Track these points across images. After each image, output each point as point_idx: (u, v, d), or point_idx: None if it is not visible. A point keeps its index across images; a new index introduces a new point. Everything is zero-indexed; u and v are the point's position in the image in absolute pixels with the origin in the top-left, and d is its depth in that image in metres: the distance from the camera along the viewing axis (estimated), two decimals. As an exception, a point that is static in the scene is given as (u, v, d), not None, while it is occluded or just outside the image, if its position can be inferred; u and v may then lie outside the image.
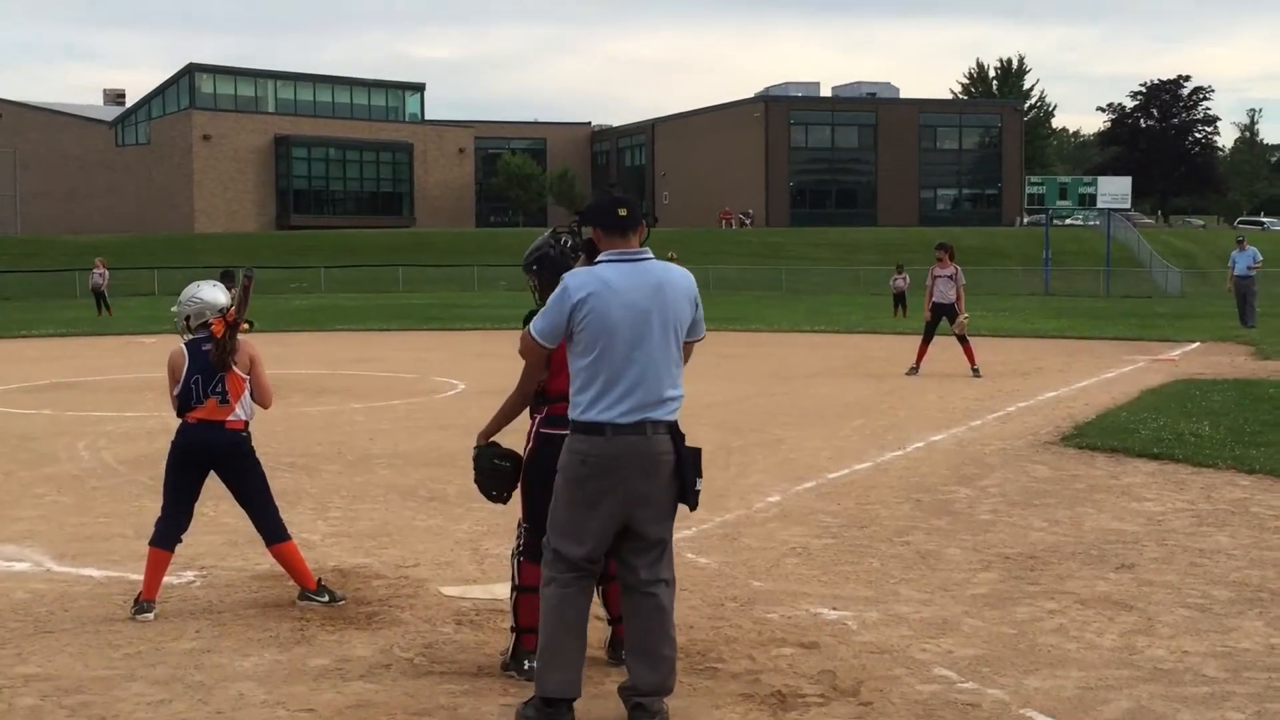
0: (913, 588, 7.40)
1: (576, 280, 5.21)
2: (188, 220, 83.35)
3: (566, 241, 6.01)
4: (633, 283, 5.18)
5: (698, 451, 5.32)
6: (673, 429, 5.24)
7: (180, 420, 7.07)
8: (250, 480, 7.13)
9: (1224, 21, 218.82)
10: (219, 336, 6.97)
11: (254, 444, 7.17)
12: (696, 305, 5.34)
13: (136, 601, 6.91)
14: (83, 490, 10.63)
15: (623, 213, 5.26)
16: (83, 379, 20.30)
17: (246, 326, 7.16)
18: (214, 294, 7.14)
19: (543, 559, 5.37)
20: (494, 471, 6.00)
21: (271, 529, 7.12)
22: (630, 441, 5.14)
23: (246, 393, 7.06)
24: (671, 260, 5.71)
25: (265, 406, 7.23)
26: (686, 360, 5.38)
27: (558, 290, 5.24)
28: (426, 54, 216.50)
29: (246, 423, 7.09)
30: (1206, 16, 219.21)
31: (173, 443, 7.11)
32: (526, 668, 5.77)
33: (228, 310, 7.07)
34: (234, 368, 6.99)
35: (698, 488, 5.30)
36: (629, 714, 5.21)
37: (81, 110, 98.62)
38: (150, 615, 6.82)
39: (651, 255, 5.32)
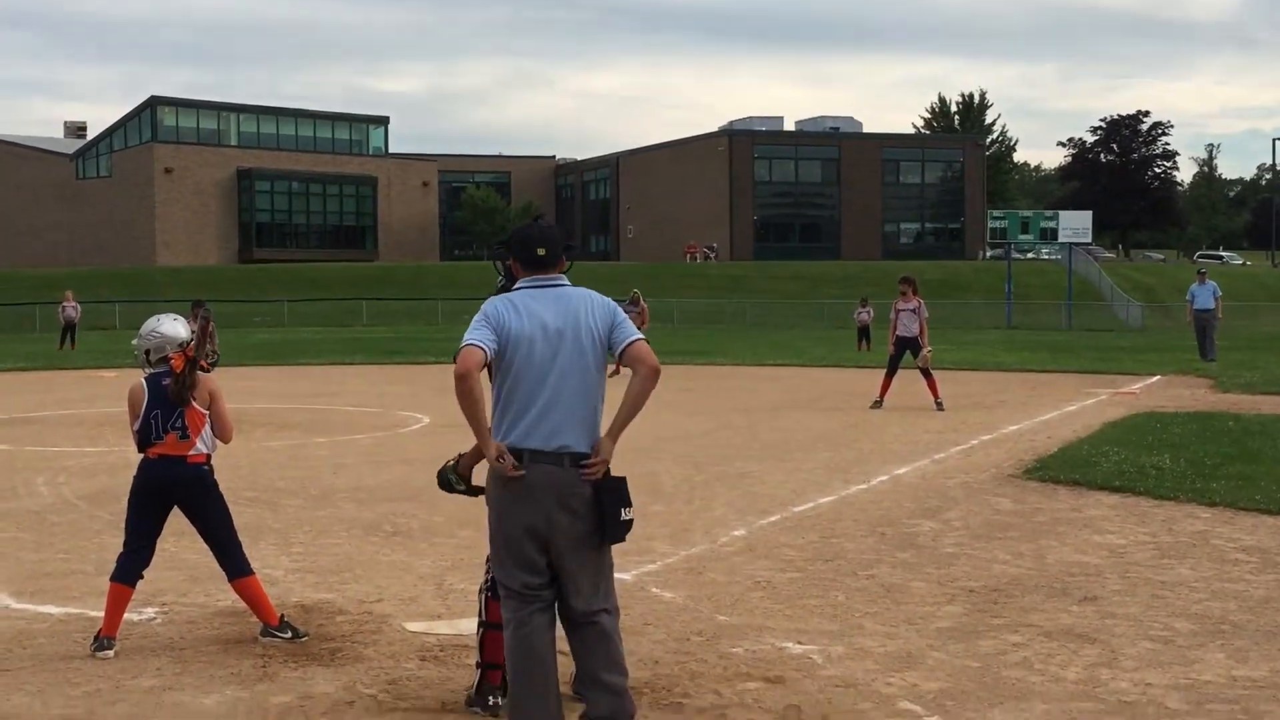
0: (877, 621, 7.41)
1: (491, 305, 5.30)
2: (149, 254, 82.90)
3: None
4: (546, 305, 5.27)
5: (622, 481, 5.32)
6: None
7: (141, 456, 7.02)
8: (213, 515, 7.07)
9: (1182, 58, 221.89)
10: (178, 371, 6.92)
11: (216, 478, 7.13)
12: (615, 321, 5.32)
13: (96, 638, 6.83)
14: (42, 526, 10.52)
15: (541, 253, 5.35)
16: (42, 414, 20.12)
17: (207, 365, 7.11)
18: (174, 328, 7.09)
19: (502, 605, 5.38)
20: (449, 487, 5.89)
21: (234, 564, 7.06)
22: (547, 470, 5.17)
23: (207, 427, 6.99)
24: (635, 296, 5.75)
25: (225, 441, 7.18)
26: (650, 360, 5.25)
27: (476, 316, 5.29)
28: (390, 87, 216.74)
29: (208, 456, 7.03)
30: (1165, 54, 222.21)
31: (134, 478, 7.05)
32: (491, 704, 5.75)
33: (188, 345, 7.03)
34: (193, 403, 6.93)
35: (624, 518, 5.27)
36: None
37: (42, 143, 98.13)
38: (110, 652, 6.75)
39: (567, 282, 5.38)
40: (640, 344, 5.31)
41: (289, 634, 7.01)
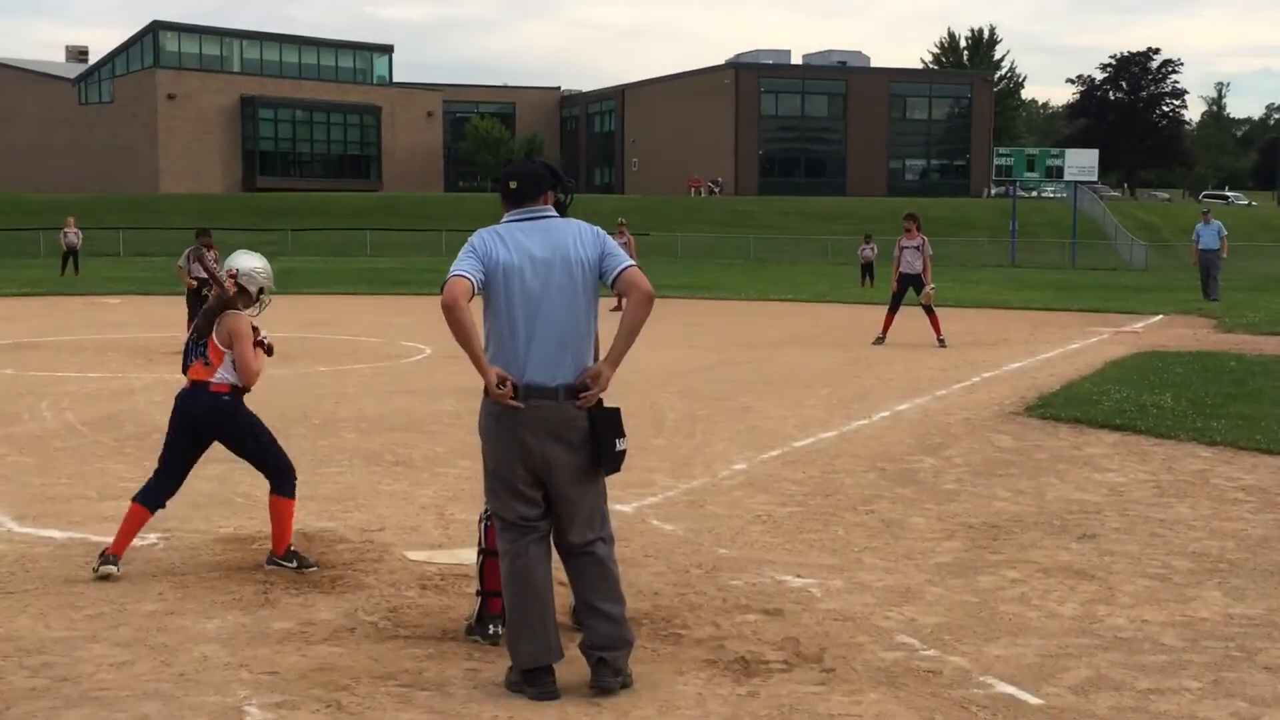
0: (876, 556, 7.44)
1: (478, 236, 5.31)
2: (152, 180, 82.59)
3: None
4: (532, 237, 5.27)
5: (616, 412, 5.33)
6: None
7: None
8: (241, 441, 7.13)
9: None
10: (215, 297, 7.07)
11: (238, 407, 7.11)
12: (604, 249, 5.30)
13: (101, 555, 6.86)
14: (45, 451, 10.55)
15: (513, 185, 5.39)
16: (46, 339, 20.12)
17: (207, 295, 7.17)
18: (236, 258, 7.23)
19: (498, 536, 5.42)
20: None
21: (272, 482, 7.12)
22: (541, 404, 5.18)
23: (229, 358, 7.00)
24: (621, 224, 5.79)
25: (246, 385, 7.14)
26: (643, 285, 5.25)
27: (463, 248, 5.30)
28: (392, 14, 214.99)
29: (232, 387, 7.01)
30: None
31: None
32: (491, 632, 5.80)
33: (235, 273, 7.11)
34: (213, 337, 6.98)
35: (619, 448, 5.29)
36: (592, 670, 5.24)
37: (44, 67, 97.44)
38: (114, 569, 6.78)
39: (553, 212, 5.40)
40: (633, 270, 5.30)
41: (294, 564, 7.04)
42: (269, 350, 7.27)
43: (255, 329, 7.15)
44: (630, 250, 26.68)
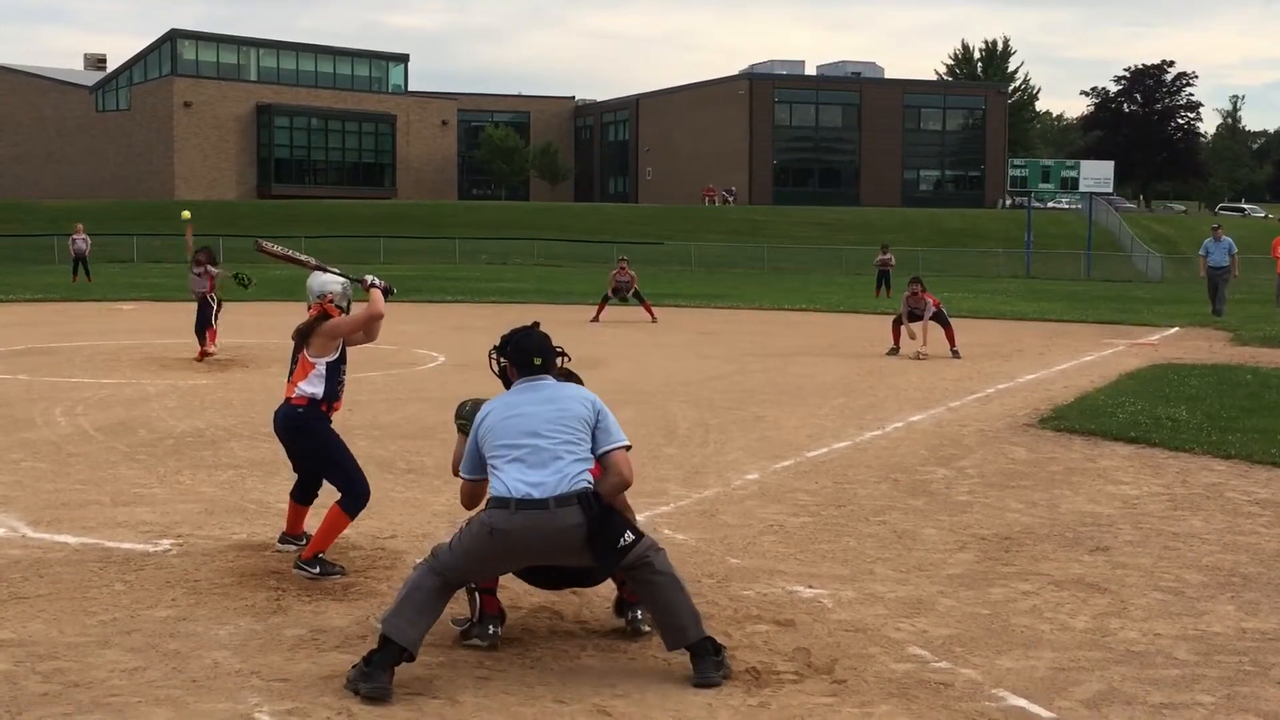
0: (889, 567, 7.43)
1: (483, 414, 5.68)
2: (168, 187, 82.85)
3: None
4: (527, 397, 5.63)
5: (612, 516, 5.50)
6: (582, 498, 5.44)
7: None
8: (305, 452, 7.38)
9: (1204, 7, 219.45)
10: (310, 317, 7.40)
11: (312, 420, 7.33)
12: (597, 411, 5.63)
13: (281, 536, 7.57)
14: (59, 456, 10.57)
15: (537, 362, 5.72)
16: (60, 345, 20.18)
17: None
18: (321, 280, 7.58)
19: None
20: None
21: (341, 494, 7.27)
22: (534, 515, 5.39)
23: (319, 369, 7.33)
24: (622, 262, 6.08)
25: (374, 319, 7.58)
26: (622, 472, 5.59)
27: (472, 427, 5.70)
28: (406, 23, 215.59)
29: (310, 399, 7.29)
30: (1187, 2, 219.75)
31: None
32: (491, 632, 5.93)
33: (325, 298, 7.45)
34: (305, 350, 7.30)
35: (622, 543, 5.46)
36: (695, 667, 5.45)
37: (62, 74, 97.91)
38: (291, 548, 7.40)
39: (550, 380, 5.72)
40: (619, 454, 5.62)
41: (315, 569, 7.04)
42: (387, 290, 7.52)
43: (363, 280, 7.50)
44: (634, 283, 26.51)
